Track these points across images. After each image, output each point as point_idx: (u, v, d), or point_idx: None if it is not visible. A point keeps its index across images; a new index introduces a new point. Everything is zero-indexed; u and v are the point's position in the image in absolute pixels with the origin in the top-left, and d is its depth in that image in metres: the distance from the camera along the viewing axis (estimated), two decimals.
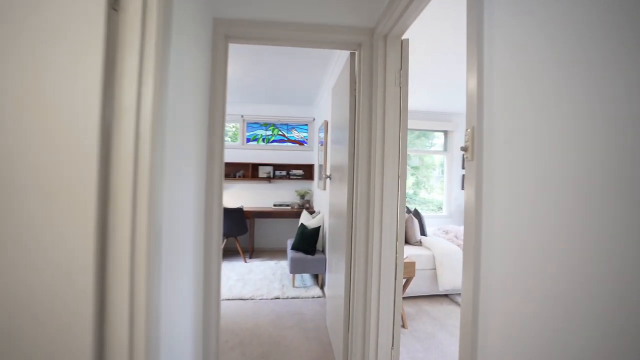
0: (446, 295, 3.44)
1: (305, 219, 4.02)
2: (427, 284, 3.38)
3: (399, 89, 1.67)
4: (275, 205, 5.28)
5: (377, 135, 1.73)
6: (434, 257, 3.42)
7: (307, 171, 5.57)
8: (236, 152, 5.55)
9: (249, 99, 5.30)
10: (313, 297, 3.29)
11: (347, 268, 1.95)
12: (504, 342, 0.78)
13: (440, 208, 6.25)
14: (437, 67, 3.53)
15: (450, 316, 2.94)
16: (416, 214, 4.16)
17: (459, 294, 3.42)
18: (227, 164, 5.36)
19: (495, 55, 0.83)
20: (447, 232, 4.26)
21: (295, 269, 3.44)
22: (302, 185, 5.63)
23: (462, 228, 4.39)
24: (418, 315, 2.95)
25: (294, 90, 4.69)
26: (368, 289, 1.79)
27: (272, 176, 5.45)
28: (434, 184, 6.48)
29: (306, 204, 5.39)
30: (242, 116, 5.54)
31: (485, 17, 0.87)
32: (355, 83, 1.87)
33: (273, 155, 5.61)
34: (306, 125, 5.76)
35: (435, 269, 3.39)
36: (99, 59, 0.78)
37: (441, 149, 6.15)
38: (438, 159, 6.37)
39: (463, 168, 5.98)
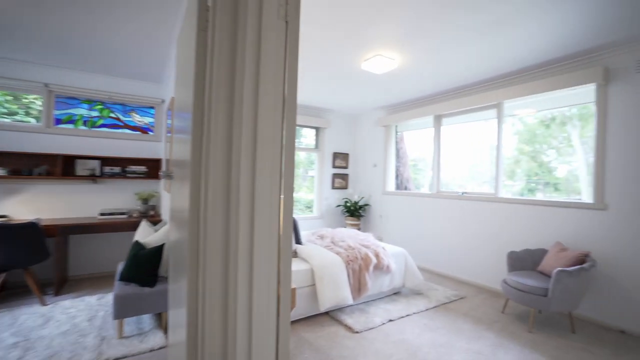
0: (327, 314, 2.99)
1: (144, 233, 2.88)
2: (305, 305, 2.85)
3: (285, 24, 0.98)
4: (103, 214, 3.80)
5: (245, 106, 1.00)
6: (312, 271, 2.92)
7: (152, 168, 4.27)
8: (36, 138, 3.75)
9: (61, 60, 3.63)
10: (152, 350, 2.26)
11: (191, 301, 1.16)
12: None
13: (309, 208, 5.98)
14: (315, 53, 3.06)
15: (335, 342, 2.48)
16: None
17: (341, 309, 3.04)
18: (18, 155, 3.56)
19: None
20: (322, 237, 3.88)
21: (123, 311, 2.31)
22: (145, 186, 4.29)
23: (338, 231, 4.12)
24: (297, 349, 2.36)
25: (132, 55, 3.41)
26: (230, 330, 1.07)
27: (98, 174, 3.92)
28: (301, 182, 6.16)
29: (151, 211, 4.11)
30: (46, 85, 3.77)
31: None
32: (207, 20, 1.08)
33: (101, 145, 4.06)
34: (152, 108, 4.44)
35: (314, 284, 2.90)
36: None
37: (309, 146, 5.89)
38: (303, 155, 6.07)
39: (334, 167, 5.85)
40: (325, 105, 5.44)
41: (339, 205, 5.89)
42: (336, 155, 5.96)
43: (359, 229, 5.66)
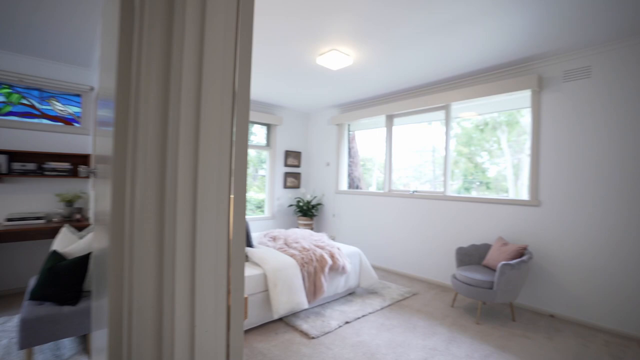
0: (281, 320, 2.83)
1: (65, 241, 2.44)
2: (257, 312, 2.65)
3: None
4: (10, 220, 3.19)
5: (185, 93, 0.81)
6: (265, 276, 2.73)
7: (79, 165, 3.71)
8: None
9: None
10: None
11: (113, 321, 0.93)
12: None
13: (260, 208, 5.74)
14: (267, 45, 2.85)
15: (291, 351, 2.32)
16: None
17: (296, 314, 2.89)
18: None
19: None
20: (275, 239, 3.70)
21: (32, 338, 1.91)
22: (70, 185, 3.72)
23: (291, 232, 3.96)
24: None
25: (52, 30, 2.88)
26: (166, 355, 0.87)
27: (4, 171, 3.28)
28: (251, 182, 5.90)
29: (76, 215, 3.56)
30: None
31: None
32: None
33: (8, 137, 3.41)
34: (78, 96, 3.86)
35: (267, 290, 2.71)
36: None
37: (260, 143, 5.64)
38: (253, 153, 5.82)
39: (286, 165, 5.68)
40: (278, 101, 5.24)
41: (291, 205, 5.74)
42: (288, 154, 5.79)
43: (312, 229, 5.56)
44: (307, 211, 5.53)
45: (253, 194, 5.81)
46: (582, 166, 2.97)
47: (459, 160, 4.10)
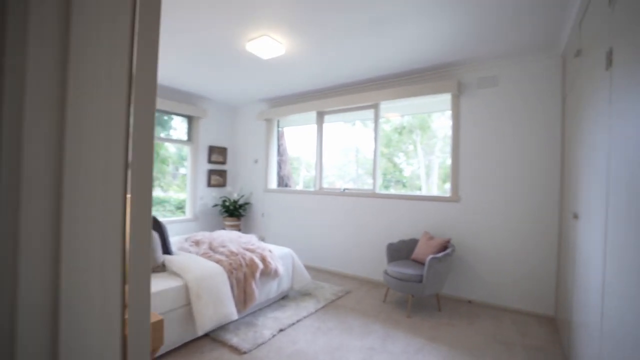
0: (207, 335, 2.48)
1: None
2: (179, 330, 2.27)
3: None
4: None
5: (45, 74, 0.52)
6: (187, 288, 2.36)
7: None
8: None
9: None
10: None
11: None
12: None
13: (181, 209, 5.16)
14: (187, 23, 2.45)
15: None
16: (155, 224, 2.89)
17: (224, 327, 2.57)
18: None
19: None
20: (198, 243, 3.28)
21: None
22: None
23: (217, 235, 3.57)
24: None
25: None
26: None
27: None
28: (170, 180, 5.29)
29: None
30: None
31: None
32: None
33: None
34: None
35: (189, 304, 2.34)
36: None
37: (180, 138, 5.05)
38: (172, 149, 5.23)
39: (211, 162, 5.20)
40: (202, 91, 4.74)
41: (216, 205, 5.27)
42: (213, 149, 5.30)
43: (239, 230, 5.19)
44: (234, 211, 5.14)
45: (173, 194, 5.18)
46: (495, 165, 3.30)
47: (380, 160, 4.26)
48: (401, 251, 3.44)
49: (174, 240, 3.50)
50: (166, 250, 2.87)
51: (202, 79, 4.14)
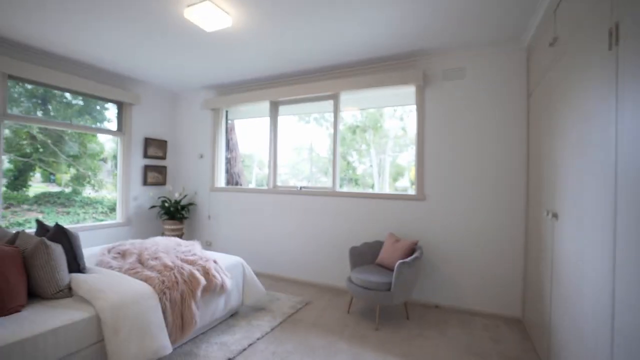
0: None
1: None
2: None
3: None
4: None
5: None
6: (98, 319, 1.78)
7: None
8: None
9: None
10: None
11: None
12: None
13: (114, 211, 4.38)
14: None
15: None
16: (59, 233, 2.23)
17: None
18: None
19: None
20: (124, 255, 2.66)
21: None
22: None
23: (151, 243, 2.94)
24: None
25: None
26: None
27: None
28: (105, 178, 4.50)
29: None
30: None
31: None
32: None
33: None
34: None
35: (103, 340, 1.77)
36: None
37: (111, 127, 4.25)
38: (109, 144, 4.43)
39: (147, 157, 4.48)
40: (132, 72, 4.00)
41: (153, 206, 4.55)
42: (149, 142, 4.56)
43: (181, 235, 4.53)
44: (176, 213, 4.48)
45: (107, 194, 4.36)
46: (461, 162, 3.13)
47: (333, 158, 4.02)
48: (365, 255, 3.13)
49: (91, 252, 2.82)
50: (76, 267, 2.23)
51: (133, 55, 3.45)
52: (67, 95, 3.85)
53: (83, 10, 2.51)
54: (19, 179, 3.64)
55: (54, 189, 3.99)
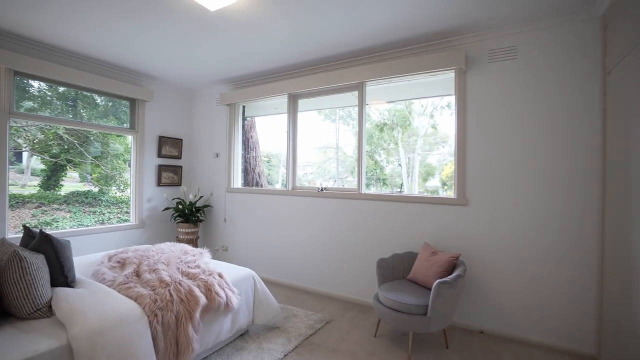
0: None
1: None
2: None
3: None
4: None
5: None
6: (70, 349, 1.48)
7: None
8: None
9: None
10: None
11: None
12: None
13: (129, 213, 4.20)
14: None
15: None
16: (43, 242, 1.97)
17: None
18: None
19: None
20: (123, 264, 2.38)
21: None
22: None
23: (156, 250, 2.65)
24: None
25: None
26: None
27: None
28: (128, 179, 4.35)
29: None
30: None
31: None
32: None
33: None
34: None
35: None
36: None
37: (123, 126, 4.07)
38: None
39: (161, 156, 4.27)
40: (143, 66, 3.78)
41: (167, 208, 4.32)
42: (164, 141, 4.35)
43: (196, 240, 4.28)
44: (190, 216, 4.23)
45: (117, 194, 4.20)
46: (513, 160, 2.60)
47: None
48: (395, 269, 2.68)
49: (93, 258, 2.58)
50: (63, 279, 1.96)
51: (141, 47, 3.19)
52: (95, 96, 3.81)
53: (89, 3, 2.27)
54: (51, 178, 3.69)
55: (83, 188, 3.93)
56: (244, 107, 4.43)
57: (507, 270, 2.58)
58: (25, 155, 3.62)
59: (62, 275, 1.97)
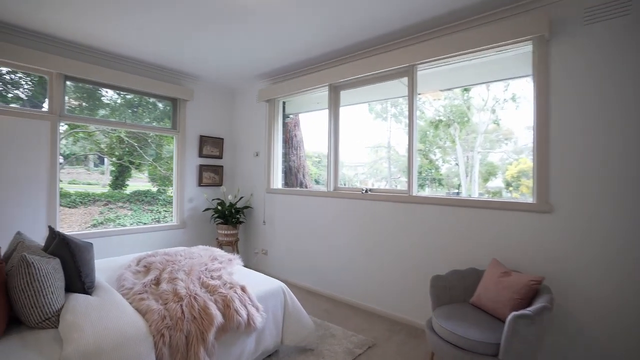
0: None
1: None
2: None
3: None
4: None
5: None
6: None
7: None
8: None
9: None
10: None
11: None
12: None
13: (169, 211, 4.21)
14: None
15: None
16: (60, 244, 1.86)
17: None
18: None
19: None
20: (148, 269, 2.24)
21: None
22: None
23: (185, 254, 2.49)
24: None
25: None
26: None
27: None
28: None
29: None
30: None
31: None
32: None
33: None
34: None
35: None
36: None
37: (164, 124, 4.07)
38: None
39: (202, 156, 4.21)
40: (185, 66, 3.71)
41: (207, 209, 4.25)
42: (205, 140, 4.29)
43: (236, 242, 4.14)
44: (230, 217, 4.09)
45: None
46: (619, 153, 1.93)
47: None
48: (455, 289, 2.17)
49: (125, 260, 2.49)
50: (80, 285, 1.84)
51: (177, 44, 3.10)
52: (157, 102, 4.00)
53: (132, 6, 2.19)
54: (118, 178, 3.96)
55: (143, 188, 4.11)
56: (284, 103, 4.19)
57: (610, 303, 1.92)
58: (106, 159, 3.94)
59: (79, 281, 1.84)
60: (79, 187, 3.71)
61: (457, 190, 3.30)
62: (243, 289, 1.97)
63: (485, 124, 3.18)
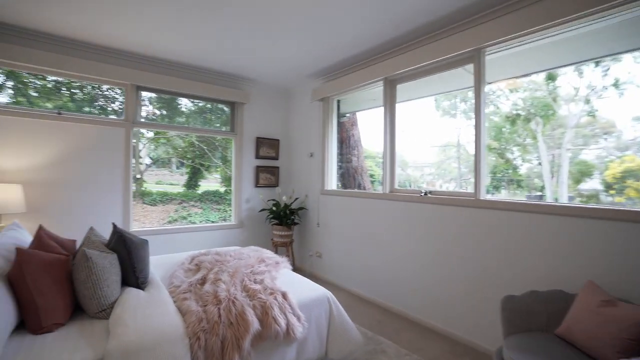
0: None
1: None
2: None
3: None
4: None
5: None
6: None
7: None
8: None
9: None
10: None
11: None
12: None
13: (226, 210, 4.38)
14: None
15: None
16: (118, 241, 1.98)
17: None
18: None
19: None
20: (200, 267, 2.29)
21: None
22: None
23: (234, 254, 2.50)
24: None
25: None
26: None
27: None
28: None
29: None
30: None
31: None
32: None
33: None
34: None
35: None
36: None
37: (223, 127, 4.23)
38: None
39: (259, 157, 4.29)
40: (243, 70, 3.83)
41: (263, 210, 4.32)
42: (261, 142, 4.38)
43: (291, 243, 4.12)
44: (284, 218, 4.09)
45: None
46: None
47: (487, 155, 2.75)
48: (533, 315, 1.78)
49: (181, 257, 2.61)
50: (134, 280, 1.93)
51: (242, 51, 3.18)
52: (223, 107, 4.27)
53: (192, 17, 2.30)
54: (192, 179, 4.29)
55: (212, 188, 4.41)
56: (338, 102, 4.05)
57: None
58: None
59: (133, 276, 1.94)
60: (162, 187, 4.10)
61: (540, 193, 2.79)
62: (284, 295, 1.87)
63: (577, 117, 2.62)
